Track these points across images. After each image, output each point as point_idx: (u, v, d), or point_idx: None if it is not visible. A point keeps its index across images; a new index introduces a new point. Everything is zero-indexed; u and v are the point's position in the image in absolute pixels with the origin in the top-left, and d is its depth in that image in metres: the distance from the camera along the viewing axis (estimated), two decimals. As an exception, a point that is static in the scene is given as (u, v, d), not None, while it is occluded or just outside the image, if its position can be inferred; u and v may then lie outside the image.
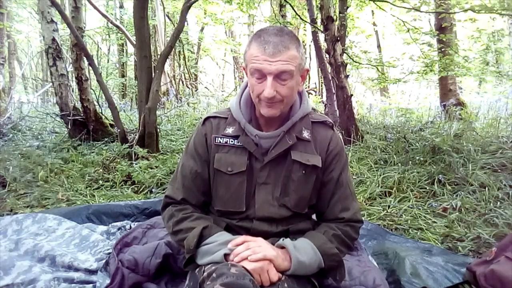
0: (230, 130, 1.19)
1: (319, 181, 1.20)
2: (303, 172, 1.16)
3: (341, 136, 1.31)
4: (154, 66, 4.08)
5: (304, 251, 1.08)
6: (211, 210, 1.26)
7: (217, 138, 1.20)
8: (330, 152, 1.20)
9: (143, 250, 1.37)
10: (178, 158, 3.34)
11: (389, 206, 2.42)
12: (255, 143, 1.16)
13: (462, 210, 2.27)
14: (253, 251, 1.03)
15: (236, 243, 1.07)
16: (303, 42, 9.29)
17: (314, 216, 1.31)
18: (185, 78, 10.33)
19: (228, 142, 1.19)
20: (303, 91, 1.22)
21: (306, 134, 1.18)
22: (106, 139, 4.15)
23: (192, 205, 1.21)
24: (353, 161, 3.24)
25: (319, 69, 5.36)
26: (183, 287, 1.16)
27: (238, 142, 1.18)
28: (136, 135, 3.61)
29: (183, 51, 9.70)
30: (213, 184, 1.21)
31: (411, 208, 2.35)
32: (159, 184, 2.84)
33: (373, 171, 3.02)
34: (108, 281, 1.29)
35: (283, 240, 1.12)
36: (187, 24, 10.37)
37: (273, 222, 1.18)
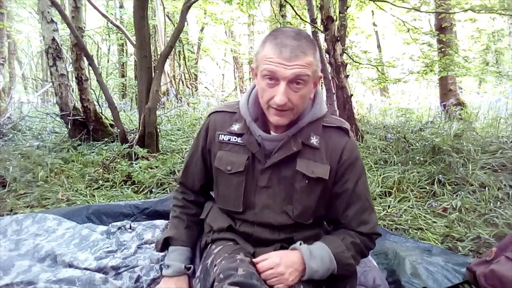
0: (235, 127, 1.14)
1: (327, 192, 1.13)
2: (306, 182, 1.09)
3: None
4: (154, 66, 4.08)
5: (321, 258, 1.04)
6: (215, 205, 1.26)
7: (220, 135, 1.16)
8: (343, 162, 1.11)
9: None
10: (178, 158, 3.34)
11: (389, 206, 2.42)
12: (258, 144, 1.11)
13: (462, 210, 2.27)
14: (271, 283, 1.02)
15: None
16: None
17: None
18: (185, 78, 10.32)
19: (231, 140, 1.15)
20: (318, 94, 1.13)
21: (314, 141, 1.10)
22: (106, 139, 4.14)
23: (189, 188, 1.30)
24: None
25: (319, 69, 5.34)
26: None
27: (241, 141, 1.13)
28: (136, 135, 3.60)
29: (183, 51, 9.68)
30: (215, 181, 1.22)
31: (411, 208, 2.35)
32: (159, 184, 2.84)
33: (373, 171, 3.02)
34: None
35: (300, 244, 1.08)
36: (187, 24, 10.35)
37: (275, 229, 1.13)
